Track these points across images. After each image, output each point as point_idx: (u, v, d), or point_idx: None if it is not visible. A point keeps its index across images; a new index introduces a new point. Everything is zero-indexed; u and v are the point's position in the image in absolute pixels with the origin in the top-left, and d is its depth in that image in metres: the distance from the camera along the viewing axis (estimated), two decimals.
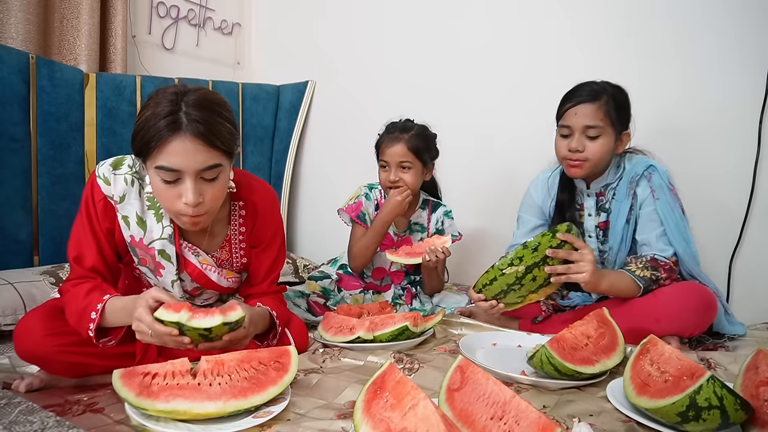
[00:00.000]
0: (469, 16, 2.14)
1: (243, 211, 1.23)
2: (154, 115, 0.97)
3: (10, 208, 1.76)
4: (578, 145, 1.38)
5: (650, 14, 1.77)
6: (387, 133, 1.71)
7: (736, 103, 1.65)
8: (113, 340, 1.05)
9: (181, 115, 0.97)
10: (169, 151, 0.97)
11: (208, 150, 0.99)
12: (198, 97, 1.00)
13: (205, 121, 0.98)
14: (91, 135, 2.00)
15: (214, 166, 1.02)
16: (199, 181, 1.01)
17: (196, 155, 0.98)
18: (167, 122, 0.96)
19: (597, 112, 1.36)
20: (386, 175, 1.69)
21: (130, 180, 1.11)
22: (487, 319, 1.52)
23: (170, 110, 0.97)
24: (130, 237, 1.13)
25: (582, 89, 1.40)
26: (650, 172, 1.40)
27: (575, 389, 1.06)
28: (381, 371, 0.85)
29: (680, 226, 1.37)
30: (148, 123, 0.98)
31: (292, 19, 2.69)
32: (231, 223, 1.23)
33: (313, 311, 1.65)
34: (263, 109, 2.57)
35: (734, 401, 0.79)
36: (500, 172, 2.08)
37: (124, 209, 1.11)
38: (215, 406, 0.87)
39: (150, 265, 1.17)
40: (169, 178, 1.00)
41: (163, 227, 1.13)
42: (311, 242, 2.68)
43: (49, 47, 2.03)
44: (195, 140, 0.98)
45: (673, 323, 1.30)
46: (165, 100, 0.99)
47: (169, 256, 1.15)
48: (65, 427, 0.86)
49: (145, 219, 1.13)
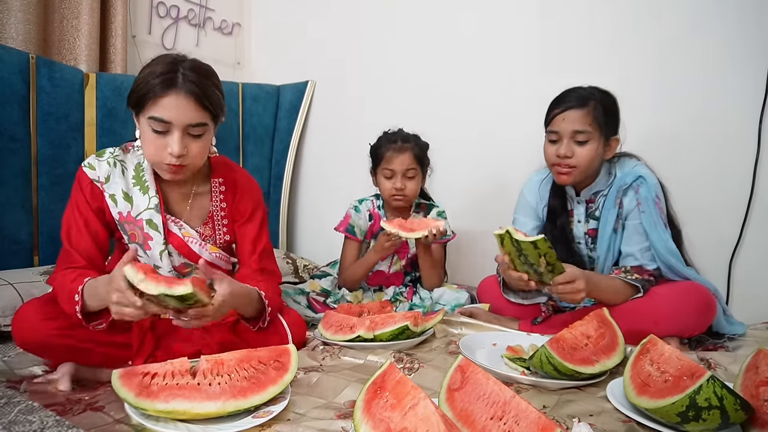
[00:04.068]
0: (468, 18, 2.13)
1: (223, 187, 1.31)
2: (153, 73, 1.09)
3: (10, 208, 1.76)
4: (567, 150, 1.38)
5: (650, 15, 1.77)
6: (389, 143, 1.73)
7: (736, 103, 1.65)
8: (103, 322, 1.06)
9: (178, 75, 1.09)
10: (163, 104, 1.08)
11: (198, 108, 1.11)
12: (192, 64, 1.13)
13: (199, 83, 1.10)
14: (91, 135, 2.00)
15: (201, 124, 1.13)
16: (186, 136, 1.12)
17: (187, 111, 1.10)
18: (165, 78, 1.08)
19: (585, 118, 1.36)
20: (391, 183, 1.72)
21: (113, 162, 1.20)
22: (487, 319, 1.52)
23: (169, 69, 1.09)
24: (119, 214, 1.20)
25: (570, 95, 1.40)
26: (638, 184, 1.39)
27: (575, 389, 1.06)
28: (381, 371, 0.85)
29: (663, 240, 1.36)
30: (147, 78, 1.09)
31: (292, 19, 2.69)
32: (212, 199, 1.29)
33: (313, 308, 1.65)
34: (263, 109, 2.57)
35: (734, 401, 0.79)
36: (497, 172, 2.08)
37: (110, 188, 1.19)
38: (215, 406, 0.87)
39: (139, 239, 1.21)
40: (160, 129, 1.10)
41: (150, 198, 1.21)
42: (311, 242, 2.68)
43: (49, 47, 2.03)
44: (188, 97, 1.09)
45: (673, 324, 1.30)
46: (164, 62, 1.11)
47: (156, 226, 1.21)
48: (64, 426, 0.86)
49: (131, 194, 1.21)
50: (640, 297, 1.34)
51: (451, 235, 1.82)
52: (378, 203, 1.87)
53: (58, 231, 1.15)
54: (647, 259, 1.38)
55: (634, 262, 1.39)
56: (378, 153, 1.75)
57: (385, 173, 1.73)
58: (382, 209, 1.86)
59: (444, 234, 1.64)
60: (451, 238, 1.82)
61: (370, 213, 1.85)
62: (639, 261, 1.39)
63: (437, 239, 1.63)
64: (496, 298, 1.62)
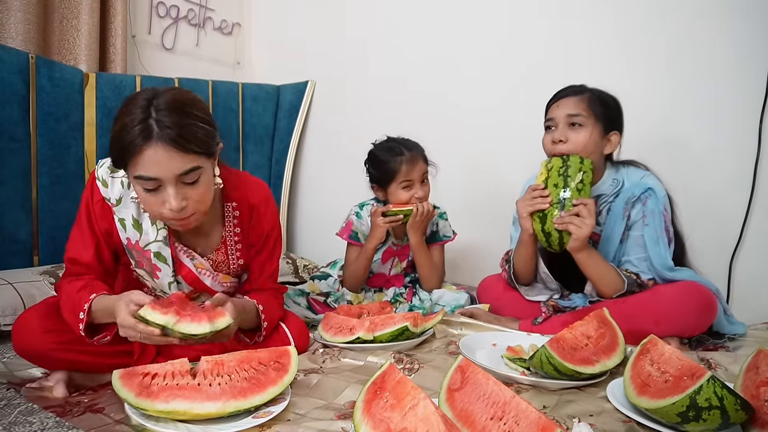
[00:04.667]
0: (470, 21, 2.13)
1: (237, 212, 1.23)
2: (125, 126, 0.96)
3: (10, 208, 1.76)
4: (561, 135, 1.38)
5: (650, 15, 1.77)
6: (398, 155, 1.67)
7: (736, 104, 1.65)
8: (107, 335, 1.05)
9: (151, 122, 0.95)
10: (144, 160, 0.96)
11: (182, 155, 0.98)
12: (168, 100, 0.98)
13: (176, 125, 0.96)
14: (91, 135, 2.00)
15: (193, 170, 1.00)
16: (180, 185, 1.00)
17: (171, 162, 0.97)
18: (138, 131, 0.95)
19: (579, 103, 1.38)
20: (410, 193, 1.69)
21: (126, 183, 1.11)
22: (488, 320, 1.52)
23: (141, 118, 0.95)
24: (127, 239, 1.14)
25: (566, 88, 1.44)
26: (647, 196, 1.39)
27: (575, 389, 1.06)
28: (381, 371, 0.85)
29: (661, 258, 1.36)
30: (121, 134, 0.96)
31: (292, 19, 2.69)
32: (225, 225, 1.22)
33: (313, 309, 1.65)
34: (263, 109, 2.57)
35: (735, 401, 0.79)
36: (498, 173, 2.08)
37: (121, 212, 1.13)
38: (215, 407, 0.87)
39: (146, 268, 1.17)
40: (150, 186, 0.99)
41: (158, 230, 1.14)
42: (311, 242, 2.68)
43: (49, 47, 2.03)
44: (168, 147, 0.96)
45: (673, 324, 1.30)
46: (136, 107, 0.97)
47: (165, 259, 1.15)
48: (64, 428, 0.86)
49: (141, 222, 1.14)
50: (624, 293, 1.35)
51: (451, 236, 1.82)
52: None
53: (58, 231, 1.14)
54: (644, 268, 1.39)
55: (633, 269, 1.40)
56: (390, 169, 1.68)
57: (404, 185, 1.69)
58: None
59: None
60: (451, 238, 1.82)
61: None
62: (636, 269, 1.39)
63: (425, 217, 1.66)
64: (496, 298, 1.62)
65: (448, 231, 1.82)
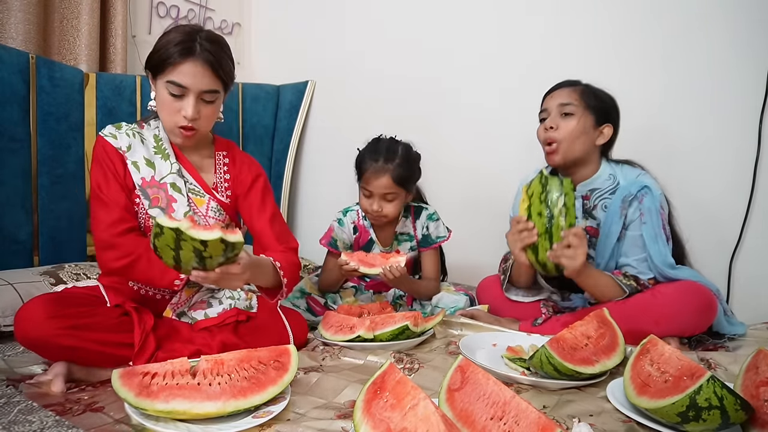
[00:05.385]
0: (469, 21, 2.14)
1: (226, 159, 1.38)
2: (172, 40, 1.17)
3: (10, 208, 1.76)
4: (552, 122, 1.42)
5: (647, 15, 1.77)
6: (371, 160, 1.59)
7: (736, 104, 1.65)
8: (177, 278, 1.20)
9: (196, 44, 1.18)
10: (181, 70, 1.17)
11: (212, 76, 1.20)
12: (209, 34, 1.22)
13: (214, 53, 1.19)
14: (91, 135, 1.99)
15: (214, 91, 1.22)
16: (199, 101, 1.20)
17: (202, 78, 1.18)
18: (184, 46, 1.16)
19: (572, 93, 1.43)
20: (369, 203, 1.62)
21: (132, 134, 1.27)
22: (488, 320, 1.52)
23: (187, 38, 1.17)
24: (141, 179, 1.25)
25: (562, 81, 1.49)
26: (643, 194, 1.39)
27: (575, 389, 1.06)
28: (381, 371, 0.85)
29: (661, 255, 1.36)
30: (167, 45, 1.17)
31: (292, 19, 2.69)
32: (216, 171, 1.36)
33: (313, 311, 1.65)
34: (263, 109, 2.56)
35: (734, 401, 0.79)
36: (497, 173, 2.08)
37: (133, 156, 1.26)
38: (215, 406, 0.87)
39: (162, 203, 1.26)
40: (176, 92, 1.18)
41: (171, 164, 1.28)
42: (311, 242, 2.66)
43: (49, 47, 2.03)
44: (204, 65, 1.18)
45: (673, 324, 1.30)
46: (182, 31, 1.19)
47: (179, 188, 1.27)
48: (64, 426, 0.86)
49: (153, 160, 1.27)
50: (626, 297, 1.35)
51: (445, 235, 1.77)
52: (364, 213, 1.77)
53: (58, 231, 1.16)
54: (644, 268, 1.39)
55: (632, 271, 1.40)
56: (360, 167, 1.64)
57: (364, 192, 1.63)
58: (367, 220, 1.76)
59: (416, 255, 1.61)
60: (446, 238, 1.77)
61: (354, 225, 1.77)
62: (635, 270, 1.39)
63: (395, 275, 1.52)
64: (495, 298, 1.62)
65: (441, 231, 1.76)
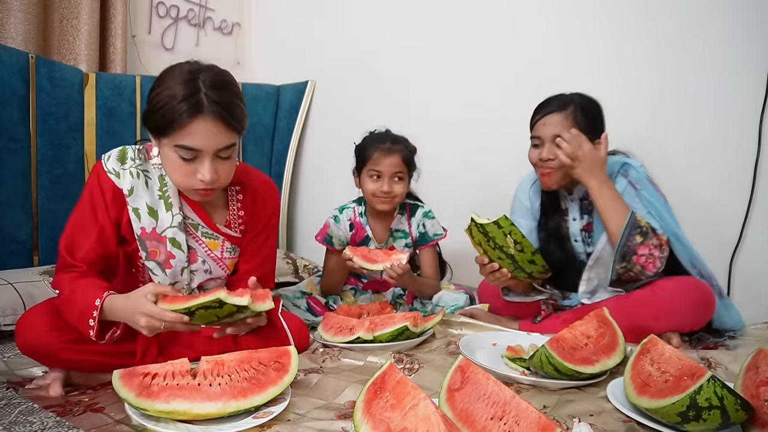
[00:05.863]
0: (468, 22, 2.13)
1: (240, 195, 1.26)
2: (174, 96, 1.01)
3: (10, 208, 1.76)
4: (549, 153, 1.41)
5: (644, 15, 1.77)
6: (378, 143, 1.66)
7: (736, 104, 1.65)
8: (116, 330, 1.04)
9: (201, 97, 1.02)
10: (190, 131, 1.02)
11: (226, 131, 1.05)
12: (214, 77, 1.05)
13: (224, 103, 1.03)
14: (91, 135, 2.00)
15: (231, 146, 1.08)
16: (215, 159, 1.07)
17: (216, 136, 1.04)
18: (189, 104, 1.01)
19: (565, 122, 1.40)
20: (378, 185, 1.65)
21: (136, 173, 1.14)
22: (488, 320, 1.52)
23: (191, 91, 1.01)
24: (141, 229, 1.14)
25: (551, 101, 1.45)
26: (626, 169, 1.42)
27: (575, 389, 1.06)
28: (381, 371, 0.85)
29: (669, 212, 1.38)
30: (169, 103, 1.01)
31: (292, 19, 2.69)
32: (229, 208, 1.25)
33: (313, 311, 1.65)
34: (263, 109, 2.57)
35: (735, 401, 0.79)
36: (495, 173, 2.08)
37: (134, 201, 1.13)
38: (215, 407, 0.87)
39: (160, 258, 1.16)
40: (188, 156, 1.05)
41: (173, 215, 1.16)
42: (311, 242, 2.66)
43: (49, 47, 2.03)
44: (216, 122, 1.03)
45: (673, 319, 1.30)
46: (182, 79, 1.03)
47: (179, 244, 1.17)
48: (65, 427, 0.86)
49: (156, 209, 1.15)
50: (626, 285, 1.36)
51: (442, 233, 1.77)
52: (360, 210, 1.79)
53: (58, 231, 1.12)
54: (655, 224, 1.35)
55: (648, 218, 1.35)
56: (364, 153, 1.68)
57: (371, 174, 1.67)
58: (364, 216, 1.78)
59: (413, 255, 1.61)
60: (443, 236, 1.77)
61: (351, 222, 1.78)
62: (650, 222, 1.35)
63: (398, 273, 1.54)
64: (495, 297, 1.62)
65: (437, 229, 1.77)
